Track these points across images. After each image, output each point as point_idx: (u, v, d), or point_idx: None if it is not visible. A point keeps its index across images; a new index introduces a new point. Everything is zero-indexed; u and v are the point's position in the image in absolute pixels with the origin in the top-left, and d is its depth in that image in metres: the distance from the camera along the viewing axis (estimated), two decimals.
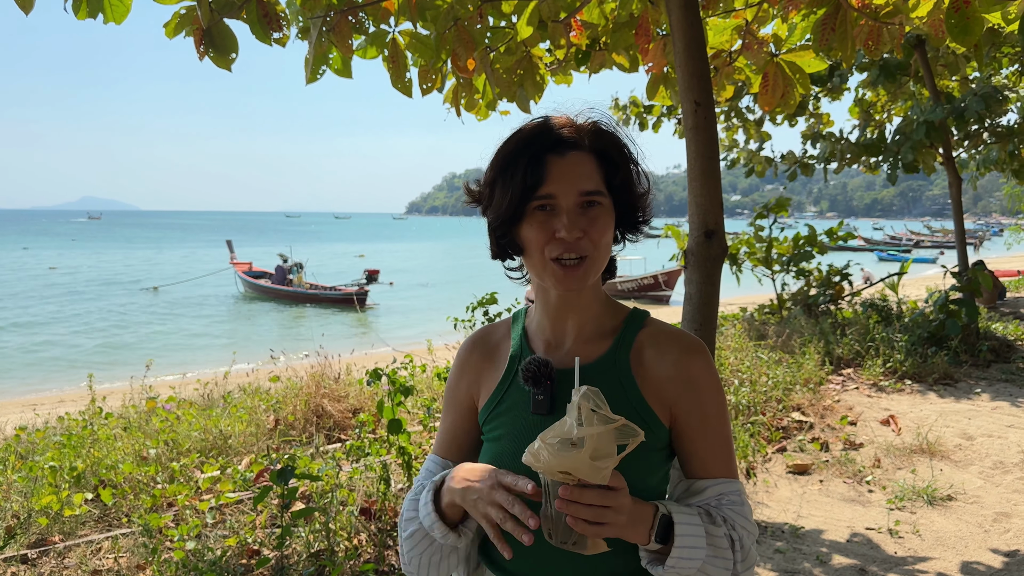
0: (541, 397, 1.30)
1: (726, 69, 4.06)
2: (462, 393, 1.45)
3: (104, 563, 3.70)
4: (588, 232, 1.26)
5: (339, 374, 6.62)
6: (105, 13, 2.57)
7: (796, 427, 6.13)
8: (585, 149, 1.29)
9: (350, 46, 2.99)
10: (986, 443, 5.75)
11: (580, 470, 1.07)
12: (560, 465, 1.07)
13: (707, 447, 1.33)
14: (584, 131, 1.31)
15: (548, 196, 1.26)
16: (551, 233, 1.26)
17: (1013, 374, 7.88)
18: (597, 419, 1.09)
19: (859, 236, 63.69)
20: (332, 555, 3.63)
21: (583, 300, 1.37)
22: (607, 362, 1.34)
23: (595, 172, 1.29)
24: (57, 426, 6.01)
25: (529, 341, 1.42)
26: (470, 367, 1.46)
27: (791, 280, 10.87)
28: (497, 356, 1.44)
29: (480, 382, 1.44)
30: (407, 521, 1.36)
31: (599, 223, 1.28)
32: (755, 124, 10.95)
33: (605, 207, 1.29)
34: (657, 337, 1.37)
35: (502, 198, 1.29)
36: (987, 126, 10.62)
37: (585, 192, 1.26)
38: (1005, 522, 4.41)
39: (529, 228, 1.28)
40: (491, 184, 1.33)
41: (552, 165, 1.26)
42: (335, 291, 26.06)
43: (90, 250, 62.30)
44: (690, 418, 1.33)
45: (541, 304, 1.40)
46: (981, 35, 2.97)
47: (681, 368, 1.33)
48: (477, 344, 1.47)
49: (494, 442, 1.37)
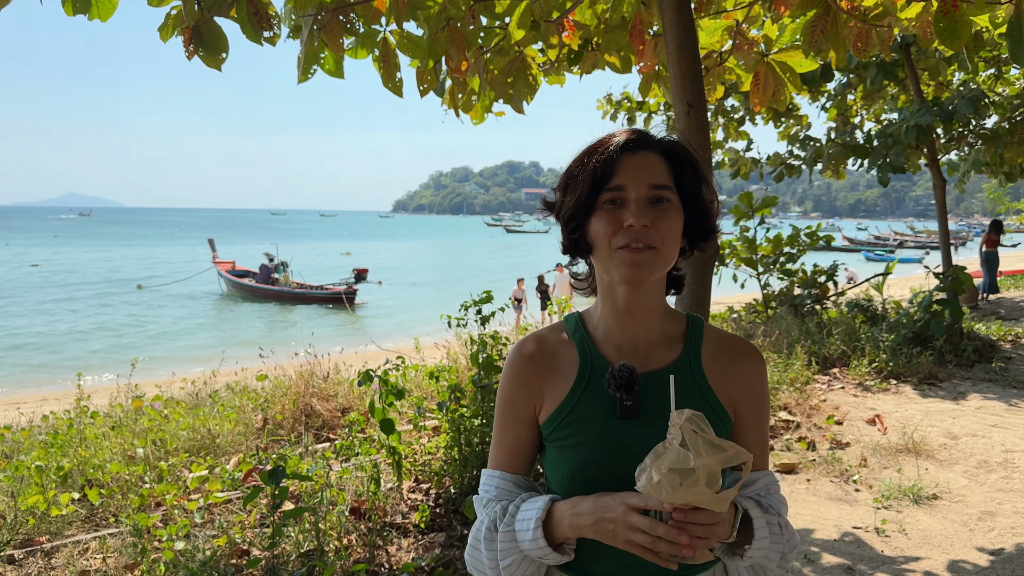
0: (629, 403, 1.33)
1: (716, 69, 4.08)
2: (523, 406, 1.44)
3: (92, 563, 3.67)
4: (657, 224, 1.28)
5: (328, 373, 6.60)
6: (91, 10, 2.55)
7: (783, 426, 6.17)
8: (654, 149, 1.34)
9: (341, 45, 2.98)
10: (970, 442, 5.80)
11: (704, 503, 1.12)
12: (682, 498, 1.11)
13: (759, 443, 1.42)
14: (654, 136, 1.37)
15: (618, 188, 1.29)
16: (620, 224, 1.28)
17: (996, 374, 7.97)
18: (702, 442, 1.12)
19: (844, 236, 64.12)
20: (322, 555, 3.62)
21: (651, 302, 1.39)
22: (682, 366, 1.39)
23: (664, 169, 1.33)
24: (42, 425, 5.96)
25: (598, 347, 1.43)
26: (529, 379, 1.44)
27: (774, 280, 10.94)
28: (558, 364, 1.43)
29: (543, 391, 1.42)
30: (504, 551, 1.36)
31: (668, 217, 1.30)
32: (736, 123, 11.02)
33: (674, 205, 1.32)
34: (719, 342, 1.44)
35: (573, 194, 1.33)
36: (971, 128, 10.73)
37: (655, 185, 1.30)
38: (990, 520, 4.46)
39: (598, 221, 1.30)
40: (563, 187, 1.38)
41: (623, 161, 1.31)
42: (323, 290, 25.90)
43: (73, 247, 61.77)
44: (749, 416, 1.42)
45: (609, 309, 1.41)
46: (969, 38, 3.00)
47: (745, 371, 1.42)
48: (532, 355, 1.46)
49: (572, 449, 1.37)
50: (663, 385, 1.31)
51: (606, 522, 1.22)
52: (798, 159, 11.28)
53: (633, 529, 1.19)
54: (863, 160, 10.61)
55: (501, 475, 1.45)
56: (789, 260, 10.62)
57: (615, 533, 1.21)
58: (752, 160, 11.81)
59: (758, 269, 10.79)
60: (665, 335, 1.42)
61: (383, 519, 4.04)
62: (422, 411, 4.58)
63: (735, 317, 10.58)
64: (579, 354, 1.42)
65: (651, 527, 1.17)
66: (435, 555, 3.69)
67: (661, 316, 1.42)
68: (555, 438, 1.39)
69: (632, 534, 1.19)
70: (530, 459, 1.47)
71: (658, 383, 1.34)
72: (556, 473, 1.39)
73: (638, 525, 1.18)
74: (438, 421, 5.13)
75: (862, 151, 10.40)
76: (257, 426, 5.58)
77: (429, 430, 5.45)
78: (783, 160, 11.51)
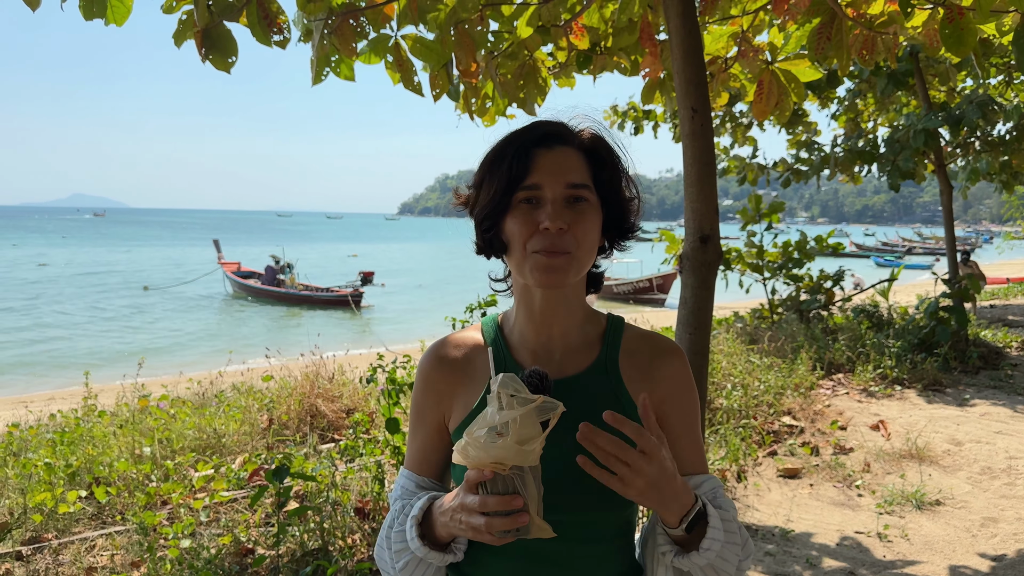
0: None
1: (721, 76, 4.10)
2: (430, 411, 1.39)
3: (99, 560, 3.71)
4: (573, 227, 1.23)
5: (333, 374, 6.63)
6: (107, 15, 2.58)
7: (787, 431, 6.18)
8: (573, 145, 1.28)
9: (353, 49, 3.01)
10: (974, 449, 5.80)
11: (509, 457, 1.06)
12: (488, 456, 1.06)
13: (691, 444, 1.35)
14: (572, 129, 1.30)
15: (534, 187, 1.23)
16: (535, 225, 1.22)
17: (1001, 380, 7.96)
18: (517, 403, 1.08)
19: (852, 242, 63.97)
20: (327, 554, 3.65)
21: (568, 306, 1.33)
22: (598, 369, 1.34)
23: (582, 167, 1.27)
24: (49, 423, 6.00)
25: (512, 352, 1.37)
26: (437, 383, 1.38)
27: (780, 285, 10.94)
28: (470, 369, 1.37)
29: (453, 397, 1.37)
30: (398, 552, 1.31)
31: (585, 219, 1.24)
32: (743, 128, 11.02)
33: (592, 204, 1.26)
34: (638, 342, 1.38)
35: (488, 191, 1.27)
36: (979, 135, 10.71)
37: (571, 184, 1.24)
38: (992, 527, 4.46)
39: (513, 221, 1.24)
40: (478, 183, 1.31)
41: (539, 157, 1.24)
42: (329, 292, 25.90)
43: (80, 248, 62.02)
44: (676, 416, 1.34)
45: (525, 312, 1.35)
46: (975, 45, 3.02)
47: (665, 371, 1.35)
48: (443, 359, 1.39)
49: None
50: (577, 391, 1.29)
51: (452, 511, 1.15)
52: (806, 163, 11.27)
53: (467, 510, 1.11)
54: (870, 165, 10.61)
55: (408, 475, 1.41)
56: (796, 265, 10.62)
57: (459, 521, 1.13)
58: (759, 166, 11.81)
59: (764, 274, 10.79)
60: (584, 338, 1.36)
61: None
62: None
63: (740, 321, 10.58)
64: (492, 359, 1.34)
65: (480, 503, 1.08)
66: None
67: (580, 319, 1.36)
68: None
69: (469, 516, 1.10)
70: (437, 463, 1.41)
71: (572, 390, 1.29)
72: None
73: (469, 504, 1.10)
74: None
75: (868, 156, 10.40)
76: (263, 426, 5.61)
77: None
78: (790, 166, 11.51)
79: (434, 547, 1.26)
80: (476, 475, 1.08)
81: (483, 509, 1.08)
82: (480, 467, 1.08)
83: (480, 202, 1.29)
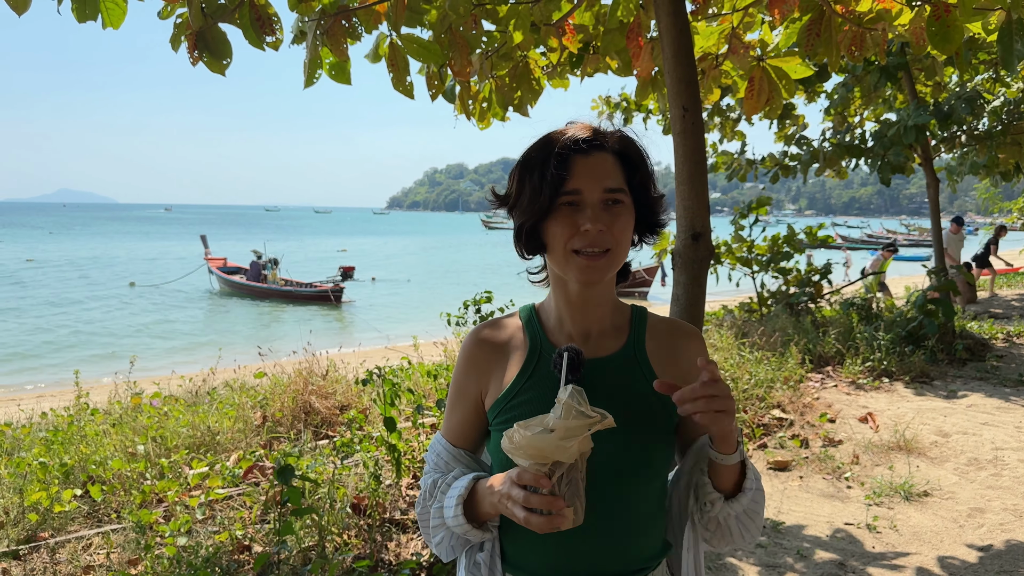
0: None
1: (712, 72, 4.13)
2: (471, 388, 1.50)
3: (96, 559, 3.72)
4: (611, 227, 1.34)
5: (326, 371, 6.64)
6: (104, 17, 2.59)
7: (776, 424, 6.24)
8: (607, 150, 1.38)
9: (344, 50, 3.02)
10: (961, 440, 5.88)
11: (548, 449, 1.16)
12: (530, 445, 1.17)
13: None
14: (606, 134, 1.40)
15: (575, 192, 1.34)
16: (576, 227, 1.34)
17: (987, 372, 8.05)
18: (575, 415, 1.18)
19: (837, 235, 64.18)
20: (323, 551, 3.67)
21: (602, 296, 1.46)
22: (627, 354, 1.46)
23: (617, 171, 1.38)
24: (41, 422, 5.99)
25: (549, 336, 1.49)
26: (480, 362, 1.50)
27: (769, 279, 11.00)
28: (508, 350, 1.49)
29: (490, 375, 1.49)
30: (434, 528, 1.46)
31: (621, 220, 1.36)
32: (732, 123, 11.05)
33: (626, 206, 1.38)
34: (661, 327, 1.52)
35: (531, 196, 1.37)
36: (964, 129, 10.80)
37: (609, 189, 1.35)
38: (979, 517, 4.53)
39: (555, 223, 1.35)
40: (519, 185, 1.40)
41: (577, 163, 1.34)
42: (310, 288, 25.79)
43: (68, 243, 61.56)
44: None
45: (561, 300, 1.47)
46: (961, 43, 3.06)
47: (687, 352, 1.49)
48: (484, 340, 1.52)
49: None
50: (610, 373, 1.41)
51: (501, 496, 1.27)
52: (794, 159, 11.32)
53: (512, 500, 1.23)
54: (858, 160, 10.68)
55: (445, 444, 1.53)
56: (784, 259, 10.68)
57: (505, 507, 1.26)
58: (747, 162, 11.85)
59: (753, 268, 10.85)
60: (613, 324, 1.49)
61: (382, 515, 4.10)
62: (421, 409, 4.63)
63: (730, 315, 10.64)
64: (529, 341, 1.48)
65: (525, 499, 1.20)
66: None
67: (611, 308, 1.49)
68: (499, 422, 1.44)
69: (513, 507, 1.23)
70: (474, 439, 1.53)
71: (605, 371, 1.42)
72: (498, 458, 1.42)
73: (515, 496, 1.22)
74: (436, 419, 5.19)
75: (856, 151, 10.47)
76: (256, 423, 5.62)
77: (427, 427, 5.50)
78: (778, 161, 11.56)
79: (475, 525, 1.40)
80: (531, 478, 1.20)
81: (526, 504, 1.20)
82: (519, 453, 1.19)
83: (520, 205, 1.40)
